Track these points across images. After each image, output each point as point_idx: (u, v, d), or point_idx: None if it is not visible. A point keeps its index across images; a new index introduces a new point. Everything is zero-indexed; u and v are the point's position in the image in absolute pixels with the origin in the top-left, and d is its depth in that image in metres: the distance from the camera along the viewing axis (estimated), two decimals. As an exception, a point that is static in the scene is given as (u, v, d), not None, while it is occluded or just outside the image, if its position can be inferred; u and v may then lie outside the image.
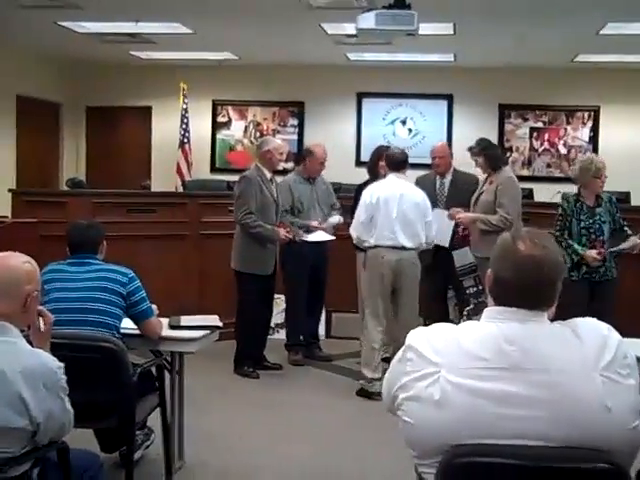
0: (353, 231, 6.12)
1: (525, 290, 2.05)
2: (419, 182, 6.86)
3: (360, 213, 6.07)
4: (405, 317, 5.98)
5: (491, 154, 6.43)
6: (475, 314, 2.10)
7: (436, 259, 6.68)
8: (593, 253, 5.88)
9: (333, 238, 6.84)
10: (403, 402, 2.09)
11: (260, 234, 6.37)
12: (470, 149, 6.51)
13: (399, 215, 5.94)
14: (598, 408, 1.96)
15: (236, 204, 6.44)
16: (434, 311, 6.83)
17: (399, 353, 2.20)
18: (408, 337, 2.17)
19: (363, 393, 5.97)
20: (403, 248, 5.94)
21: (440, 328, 2.16)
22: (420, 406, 2.04)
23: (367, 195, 6.06)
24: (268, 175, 6.53)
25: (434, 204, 6.56)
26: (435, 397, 2.00)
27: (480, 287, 6.43)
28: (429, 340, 2.10)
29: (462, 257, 6.65)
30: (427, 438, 2.03)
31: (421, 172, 7.26)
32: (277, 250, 6.56)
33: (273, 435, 5.17)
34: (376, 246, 5.98)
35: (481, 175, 6.65)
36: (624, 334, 2.13)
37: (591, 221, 5.97)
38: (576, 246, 5.92)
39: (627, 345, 2.09)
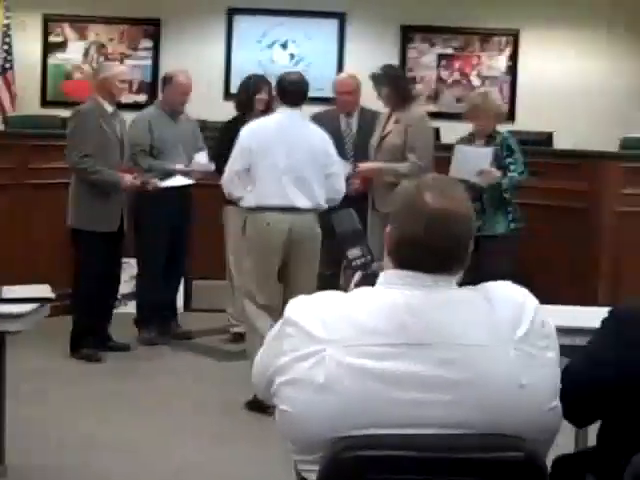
0: (223, 182, 5.76)
1: (434, 251, 2.06)
2: (317, 122, 6.52)
3: (234, 160, 5.65)
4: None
5: (401, 84, 6.47)
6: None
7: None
8: None
9: (193, 182, 6.78)
10: (280, 387, 2.09)
11: (100, 181, 6.32)
12: (374, 77, 6.47)
13: (289, 165, 5.54)
14: (511, 386, 2.01)
15: (69, 145, 6.39)
16: (322, 278, 6.83)
17: (275, 328, 2.19)
18: (287, 308, 2.17)
19: (256, 406, 5.30)
20: (297, 210, 5.55)
21: (326, 297, 2.16)
22: (301, 391, 2.04)
23: (245, 137, 5.65)
24: (109, 109, 6.47)
25: (340, 149, 6.39)
26: (319, 380, 2.01)
27: (369, 257, 6.36)
28: (313, 311, 2.10)
29: (344, 220, 6.42)
30: (309, 429, 2.04)
31: (305, 107, 7.14)
32: (124, 201, 6.51)
33: (118, 432, 5.14)
34: (258, 207, 5.57)
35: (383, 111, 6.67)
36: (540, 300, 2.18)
37: None
38: None
39: (545, 312, 2.15)
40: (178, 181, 6.71)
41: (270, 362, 2.14)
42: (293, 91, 5.72)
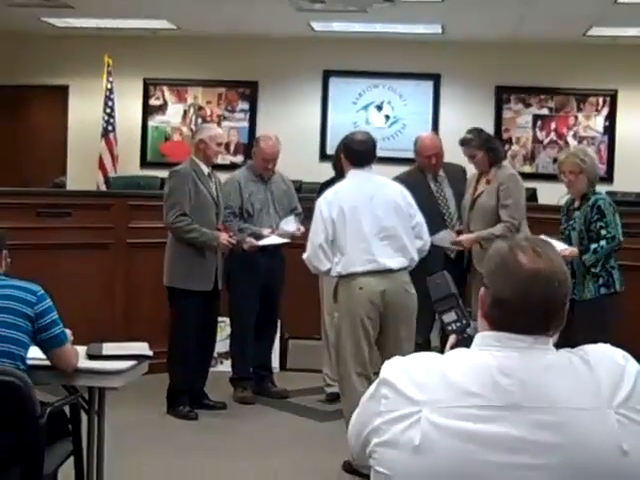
0: (307, 258, 5.46)
1: (528, 311, 2.04)
2: (404, 184, 6.21)
3: (316, 234, 5.38)
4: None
5: (494, 148, 6.44)
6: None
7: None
8: None
9: (287, 241, 6.80)
10: (376, 449, 2.08)
11: (196, 240, 6.39)
12: (466, 142, 6.44)
13: (376, 227, 5.33)
14: (612, 452, 1.97)
15: (166, 205, 6.46)
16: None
17: (371, 389, 2.19)
18: (382, 369, 2.16)
19: (352, 468, 5.14)
20: (389, 271, 5.32)
21: (421, 358, 2.15)
22: (397, 453, 2.02)
23: (323, 207, 5.39)
24: (205, 170, 6.55)
25: (438, 215, 6.44)
26: (415, 442, 1.99)
27: (464, 321, 6.29)
28: (408, 373, 2.09)
29: (439, 283, 6.31)
30: (405, 492, 2.03)
31: (400, 169, 7.08)
32: (219, 261, 6.56)
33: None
34: (350, 274, 5.33)
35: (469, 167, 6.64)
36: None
37: (564, 226, 6.09)
38: None
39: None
40: (273, 240, 6.73)
41: (366, 423, 2.13)
42: (363, 151, 5.55)
